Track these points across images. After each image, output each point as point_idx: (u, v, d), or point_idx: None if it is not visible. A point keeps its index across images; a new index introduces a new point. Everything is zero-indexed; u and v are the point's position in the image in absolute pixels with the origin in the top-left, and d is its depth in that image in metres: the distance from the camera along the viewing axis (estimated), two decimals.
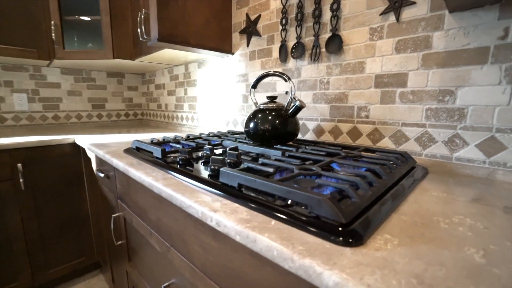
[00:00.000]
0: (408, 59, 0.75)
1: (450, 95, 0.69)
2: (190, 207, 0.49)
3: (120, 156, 0.88)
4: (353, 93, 0.89)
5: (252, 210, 0.44)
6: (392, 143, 0.81)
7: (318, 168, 0.54)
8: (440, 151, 0.72)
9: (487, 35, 0.63)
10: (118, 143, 1.15)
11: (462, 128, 0.68)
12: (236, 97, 1.33)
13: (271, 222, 0.40)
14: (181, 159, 0.72)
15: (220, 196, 0.51)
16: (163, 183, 0.59)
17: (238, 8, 1.24)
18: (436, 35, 0.70)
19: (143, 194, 0.77)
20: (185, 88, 1.67)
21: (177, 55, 1.34)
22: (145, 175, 0.66)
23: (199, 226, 0.54)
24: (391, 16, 0.77)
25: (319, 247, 0.33)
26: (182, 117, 1.75)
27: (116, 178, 0.96)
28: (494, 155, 0.64)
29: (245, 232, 0.38)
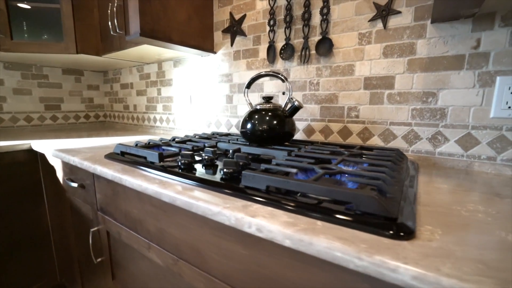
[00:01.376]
0: (395, 63, 0.82)
1: (433, 97, 0.78)
2: (218, 214, 0.46)
3: (102, 163, 0.78)
4: (343, 94, 0.93)
5: (290, 212, 0.43)
6: (381, 141, 0.88)
7: (337, 166, 0.55)
8: (425, 147, 0.81)
9: (463, 44, 0.72)
10: (90, 148, 1.02)
11: (443, 126, 0.77)
12: (219, 98, 1.29)
13: (317, 223, 0.40)
14: (183, 163, 0.67)
15: (247, 200, 0.49)
16: (175, 191, 0.54)
17: (221, 6, 1.21)
18: (420, 43, 0.78)
19: (137, 203, 0.69)
20: (159, 88, 1.57)
21: (151, 52, 1.24)
22: (148, 183, 0.60)
23: (221, 233, 0.51)
24: (379, 23, 0.83)
25: (379, 244, 0.34)
26: (155, 118, 1.63)
27: (96, 187, 0.86)
28: (470, 149, 0.74)
29: (297, 236, 0.37)
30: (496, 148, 0.71)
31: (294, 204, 0.44)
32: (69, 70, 1.74)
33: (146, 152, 0.74)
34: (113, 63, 1.57)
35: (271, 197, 0.47)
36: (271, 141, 0.84)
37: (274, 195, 0.47)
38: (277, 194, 0.48)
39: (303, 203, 0.44)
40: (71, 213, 1.06)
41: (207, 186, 0.55)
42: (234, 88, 1.23)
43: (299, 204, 0.44)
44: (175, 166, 0.69)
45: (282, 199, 0.46)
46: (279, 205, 0.45)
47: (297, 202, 0.44)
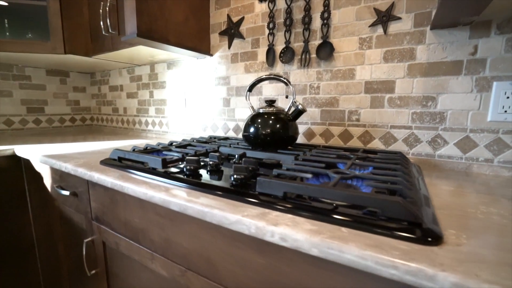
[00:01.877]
0: (395, 68, 0.84)
1: (432, 101, 0.80)
2: (237, 223, 0.44)
3: (99, 169, 0.74)
4: (343, 98, 0.94)
5: (311, 219, 0.42)
6: (382, 144, 0.89)
7: (352, 171, 0.55)
8: (425, 149, 0.83)
9: (461, 50, 0.75)
10: (82, 154, 0.97)
11: (442, 129, 0.80)
12: (215, 101, 1.27)
13: (341, 230, 0.39)
14: (189, 169, 0.65)
15: (264, 207, 0.47)
16: (185, 199, 0.52)
17: (218, 8, 1.19)
18: (419, 48, 0.80)
19: (139, 212, 0.66)
20: (151, 91, 1.52)
21: (144, 53, 1.20)
22: (154, 191, 0.57)
23: (236, 242, 0.49)
24: (379, 29, 0.85)
25: (411, 250, 0.33)
26: (147, 122, 1.58)
27: (91, 195, 0.81)
28: (469, 152, 0.77)
29: (325, 244, 0.36)
30: (493, 150, 0.74)
31: (315, 210, 0.43)
32: (54, 71, 1.65)
33: (147, 158, 0.71)
34: (102, 65, 1.50)
35: (290, 204, 0.46)
36: (274, 145, 0.83)
37: (292, 202, 0.46)
38: (295, 201, 0.47)
39: (325, 210, 0.43)
40: (61, 223, 1.00)
41: (219, 193, 0.53)
42: (231, 91, 1.21)
43: (321, 210, 0.43)
44: (178, 172, 0.66)
45: (302, 206, 0.45)
46: (299, 212, 0.44)
47: (318, 209, 0.43)
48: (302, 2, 0.97)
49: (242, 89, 1.17)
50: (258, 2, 1.08)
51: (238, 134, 1.22)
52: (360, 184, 0.55)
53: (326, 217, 0.41)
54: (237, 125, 1.22)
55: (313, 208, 0.44)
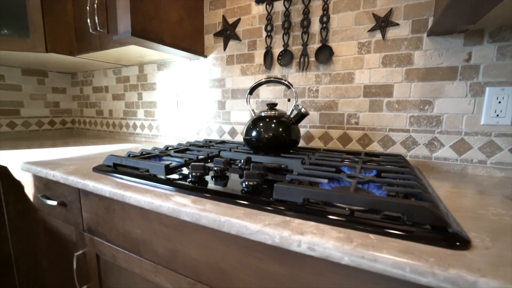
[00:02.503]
0: (393, 72, 0.86)
1: (429, 105, 0.83)
2: (258, 233, 0.42)
3: (93, 177, 0.69)
4: (342, 101, 0.95)
5: (336, 226, 0.41)
6: (381, 147, 0.91)
7: (364, 175, 0.55)
8: (422, 152, 0.85)
9: (456, 57, 0.78)
10: (69, 160, 0.90)
11: (439, 132, 0.82)
12: (210, 103, 1.24)
13: (370, 237, 0.38)
14: (195, 176, 0.62)
15: (283, 215, 0.46)
16: (199, 208, 0.49)
17: (212, 8, 1.17)
18: (417, 54, 0.83)
19: (141, 223, 0.62)
20: (140, 92, 1.46)
21: (133, 54, 1.15)
22: (161, 200, 0.54)
23: (253, 252, 0.47)
24: (378, 34, 0.87)
25: (444, 256, 0.33)
26: (135, 125, 1.51)
27: (83, 205, 0.75)
28: (464, 154, 0.80)
29: (358, 252, 0.35)
30: (486, 152, 0.77)
31: (339, 217, 0.42)
32: (31, 70, 1.54)
33: (148, 164, 0.67)
34: (86, 64, 1.42)
35: (311, 210, 0.45)
36: (277, 149, 0.82)
37: (313, 208, 0.45)
38: (315, 207, 0.46)
39: (349, 216, 0.42)
40: (45, 236, 0.92)
41: (234, 201, 0.51)
42: (227, 94, 1.19)
43: (345, 217, 0.42)
44: (181, 178, 0.63)
45: (323, 212, 0.44)
46: (322, 219, 0.43)
47: (341, 215, 0.43)
48: (301, 6, 0.97)
49: (238, 92, 1.15)
50: (255, 4, 1.06)
51: (234, 138, 1.20)
52: (373, 188, 0.55)
53: (352, 223, 0.41)
54: (233, 129, 1.19)
55: (335, 214, 0.43)
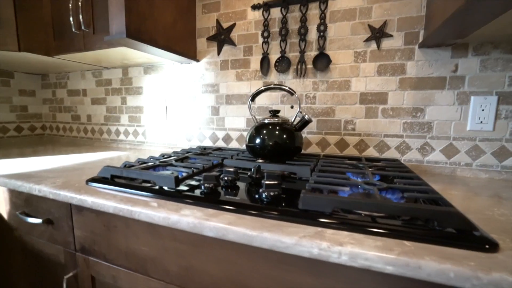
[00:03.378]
0: (388, 81, 0.91)
1: (421, 112, 0.88)
2: (295, 245, 0.41)
3: (90, 191, 0.63)
4: (339, 108, 0.98)
5: (370, 235, 0.42)
6: (376, 152, 0.95)
7: (381, 183, 0.57)
8: (415, 156, 0.91)
9: (444, 68, 0.84)
10: (52, 171, 0.81)
11: (430, 137, 0.88)
12: (202, 109, 1.20)
13: (406, 244, 0.39)
14: (208, 188, 0.59)
15: (315, 225, 0.45)
16: (225, 222, 0.47)
17: (205, 12, 1.14)
18: (409, 64, 0.88)
19: (150, 239, 0.58)
20: (124, 96, 1.37)
21: (118, 55, 1.07)
22: (179, 215, 0.50)
23: (285, 266, 0.46)
24: (373, 44, 0.91)
25: (481, 259, 0.35)
26: (118, 131, 1.41)
27: (76, 222, 0.68)
28: (452, 157, 0.87)
29: (402, 260, 0.36)
30: (472, 155, 0.84)
31: (371, 225, 0.43)
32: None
33: (154, 176, 0.63)
34: (61, 65, 1.30)
35: (342, 220, 0.45)
36: (282, 156, 0.82)
37: (342, 218, 0.45)
38: (344, 216, 0.46)
39: (381, 224, 0.43)
40: (24, 258, 0.82)
41: (259, 213, 0.49)
42: (221, 99, 1.16)
43: (378, 225, 0.43)
44: (189, 190, 0.60)
45: (353, 221, 0.44)
46: (354, 228, 0.43)
47: (377, 224, 0.43)
48: (298, 13, 0.99)
49: (233, 98, 1.14)
50: (251, 10, 1.06)
51: (229, 144, 1.17)
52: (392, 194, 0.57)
53: (387, 231, 0.42)
54: (228, 135, 1.17)
55: (366, 223, 0.44)
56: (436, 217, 0.41)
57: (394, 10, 0.87)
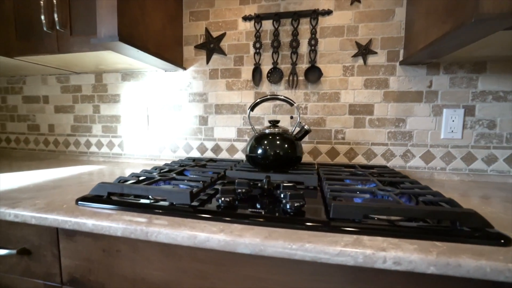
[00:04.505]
0: (374, 94, 0.99)
1: (403, 122, 0.98)
2: (340, 255, 0.42)
3: (85, 213, 0.55)
4: (330, 118, 1.03)
5: (405, 238, 0.44)
6: (365, 159, 1.02)
7: (393, 188, 0.61)
8: (398, 162, 0.99)
9: (421, 83, 0.95)
10: (21, 191, 0.69)
11: (411, 145, 0.98)
12: (189, 119, 1.15)
13: (437, 244, 0.42)
14: (226, 201, 0.57)
15: (351, 233, 0.46)
16: (261, 237, 0.45)
17: (193, 20, 1.11)
18: (392, 79, 0.97)
19: (164, 262, 0.52)
20: (96, 105, 1.24)
21: (90, 59, 0.97)
22: (207, 233, 0.47)
23: (320, 277, 0.46)
24: (360, 60, 0.99)
25: (504, 252, 0.40)
26: (89, 142, 1.27)
27: (63, 250, 0.58)
28: (430, 163, 0.97)
29: (443, 260, 0.39)
30: (445, 161, 0.96)
31: (401, 230, 0.45)
32: None
33: (166, 192, 0.58)
34: (18, 68, 1.13)
35: (374, 226, 0.47)
36: (284, 166, 0.83)
37: (374, 224, 0.47)
38: (374, 222, 0.48)
39: (411, 227, 0.46)
40: None
41: (292, 225, 0.49)
42: (209, 109, 1.13)
43: (406, 228, 0.45)
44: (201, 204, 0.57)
45: (387, 227, 0.46)
46: (387, 233, 0.45)
47: (401, 227, 0.46)
48: (290, 27, 1.02)
49: (223, 107, 1.11)
50: (242, 21, 1.07)
51: (218, 155, 1.14)
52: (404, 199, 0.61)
53: (417, 234, 0.44)
54: (217, 145, 1.14)
55: (397, 227, 0.46)
56: (459, 218, 0.45)
57: (378, 30, 0.96)
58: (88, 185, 0.78)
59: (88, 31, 0.87)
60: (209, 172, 0.83)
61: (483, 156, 0.93)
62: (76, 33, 0.88)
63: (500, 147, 0.92)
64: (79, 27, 0.88)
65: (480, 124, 0.92)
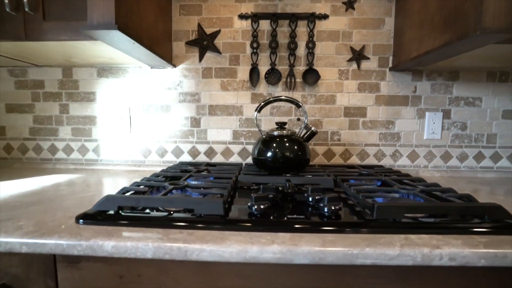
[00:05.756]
0: (367, 97, 1.04)
1: (392, 124, 1.05)
2: (400, 256, 0.42)
3: (98, 233, 0.46)
4: (326, 120, 1.05)
5: (443, 235, 0.47)
6: (359, 160, 1.07)
7: (411, 187, 0.64)
8: (389, 161, 1.06)
9: (407, 88, 1.04)
10: None
11: (399, 145, 1.06)
12: (179, 120, 1.06)
13: (475, 238, 0.46)
14: (260, 209, 0.53)
15: (399, 233, 0.47)
16: (318, 245, 0.43)
17: (184, 14, 1.03)
18: (382, 83, 1.04)
19: (199, 283, 0.47)
20: (65, 103, 1.06)
21: (58, 50, 0.83)
22: (260, 246, 0.43)
23: (369, 278, 0.46)
24: (354, 64, 1.03)
25: None
26: (55, 147, 1.08)
27: (62, 281, 0.48)
28: (415, 161, 1.06)
29: (491, 253, 0.42)
30: (428, 159, 1.06)
31: (440, 226, 0.48)
32: None
33: (194, 202, 0.51)
34: None
35: (417, 225, 0.48)
36: (295, 169, 0.81)
37: (413, 223, 0.49)
38: (412, 221, 0.50)
39: (448, 223, 0.49)
40: None
41: (342, 229, 0.47)
42: (203, 110, 1.06)
43: (448, 225, 0.48)
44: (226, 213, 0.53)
45: (426, 225, 0.48)
46: (430, 230, 0.47)
47: (443, 224, 0.48)
48: (287, 29, 1.02)
49: (218, 108, 1.06)
50: (238, 19, 1.03)
51: (212, 159, 1.08)
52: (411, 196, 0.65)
53: (457, 229, 0.47)
54: (211, 148, 1.07)
55: (437, 224, 0.48)
56: (488, 212, 0.50)
57: (370, 37, 1.02)
58: (76, 198, 0.66)
59: (68, 16, 0.74)
60: (211, 177, 0.77)
61: (457, 154, 1.05)
62: (51, 18, 0.74)
63: (470, 146, 1.05)
64: (55, 11, 0.74)
65: (455, 126, 1.04)
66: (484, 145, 1.05)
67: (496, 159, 1.05)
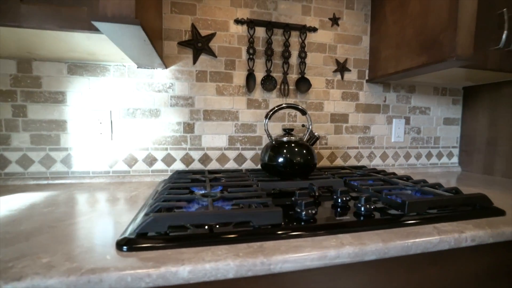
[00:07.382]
0: (348, 105, 1.16)
1: (368, 129, 1.20)
2: (440, 243, 0.50)
3: (159, 260, 0.41)
4: (316, 126, 1.13)
5: (455, 221, 0.58)
6: (342, 161, 1.18)
7: (414, 184, 0.76)
8: (365, 162, 1.21)
9: (379, 98, 1.20)
10: None
11: (374, 148, 1.21)
12: (170, 126, 0.98)
13: (476, 222, 0.58)
14: (310, 213, 0.55)
15: (430, 223, 0.56)
16: (379, 241, 0.48)
17: (176, 12, 0.96)
18: (361, 93, 1.17)
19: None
20: (20, 105, 0.85)
21: (15, 38, 0.69)
22: (336, 248, 0.45)
23: (414, 264, 0.53)
24: (338, 75, 1.14)
25: (506, 220, 0.59)
26: (5, 160, 0.85)
27: None
28: (385, 161, 1.23)
29: (498, 232, 0.54)
30: (394, 158, 1.24)
31: (455, 215, 0.59)
32: None
33: (250, 215, 0.50)
34: None
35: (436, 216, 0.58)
36: (304, 173, 0.86)
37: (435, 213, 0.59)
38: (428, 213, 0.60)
39: (455, 212, 0.60)
40: None
41: (395, 225, 0.53)
42: (197, 115, 1.01)
43: (456, 214, 0.60)
44: None
45: (440, 214, 0.59)
46: (444, 219, 0.58)
47: (453, 213, 0.60)
48: (281, 37, 1.06)
49: (213, 113, 1.02)
50: (233, 23, 1.01)
51: (207, 166, 1.03)
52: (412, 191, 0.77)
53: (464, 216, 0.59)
54: (206, 155, 1.02)
55: (446, 214, 0.59)
56: (478, 201, 0.63)
57: (351, 51, 1.14)
58: (81, 221, 0.55)
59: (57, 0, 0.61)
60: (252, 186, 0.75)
61: (415, 154, 1.27)
62: (32, 1, 0.60)
63: (423, 147, 1.28)
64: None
65: (413, 130, 1.26)
66: (432, 146, 1.29)
67: (439, 157, 1.31)
